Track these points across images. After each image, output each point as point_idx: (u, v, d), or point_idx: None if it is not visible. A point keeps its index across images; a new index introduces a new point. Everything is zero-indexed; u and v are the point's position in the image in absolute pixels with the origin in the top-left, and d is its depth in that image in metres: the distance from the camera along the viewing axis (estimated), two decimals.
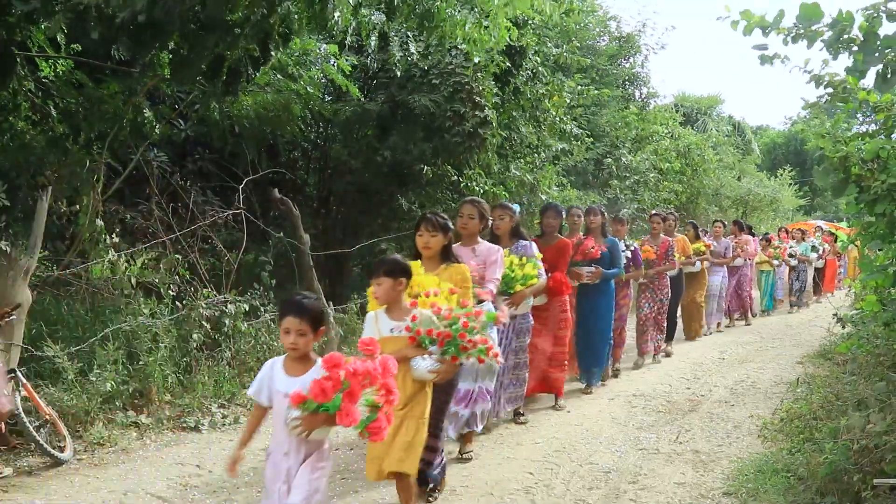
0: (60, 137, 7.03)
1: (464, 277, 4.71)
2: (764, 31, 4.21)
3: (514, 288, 6.00)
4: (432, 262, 4.75)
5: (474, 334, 4.08)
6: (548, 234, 7.12)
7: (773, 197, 25.85)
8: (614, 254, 7.93)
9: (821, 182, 5.00)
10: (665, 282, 9.89)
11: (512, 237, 6.34)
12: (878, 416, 4.39)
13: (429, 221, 4.73)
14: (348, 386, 3.15)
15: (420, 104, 9.77)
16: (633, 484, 5.20)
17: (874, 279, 5.08)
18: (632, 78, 20.81)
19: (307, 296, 3.48)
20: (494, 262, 5.44)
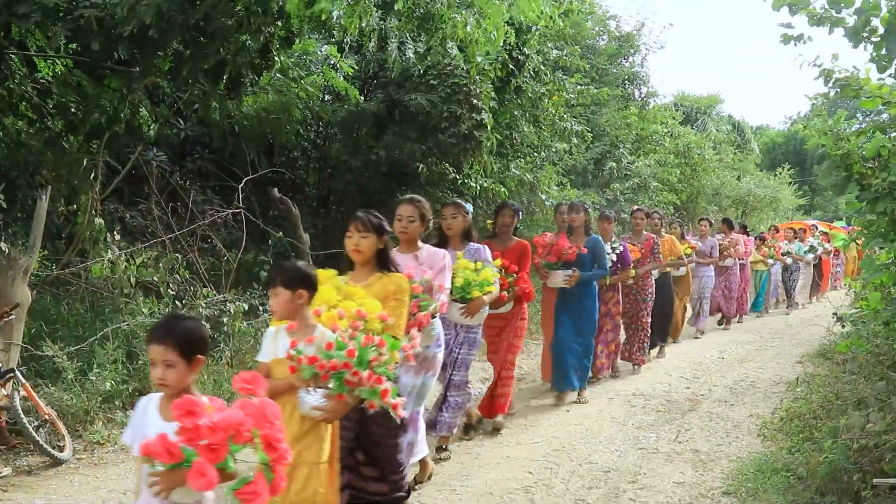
0: (58, 136, 7.03)
1: (398, 289, 3.98)
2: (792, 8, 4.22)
3: (471, 294, 5.40)
4: (364, 269, 4.07)
5: (379, 368, 3.37)
6: (502, 235, 6.45)
7: (772, 196, 25.83)
8: (597, 254, 7.31)
9: (823, 180, 4.99)
10: (649, 282, 9.18)
11: (463, 239, 5.71)
12: (877, 416, 4.39)
13: (359, 220, 4.03)
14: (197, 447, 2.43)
15: (416, 103, 9.76)
16: (632, 483, 5.19)
17: (877, 277, 5.08)
18: (631, 77, 20.81)
19: (181, 316, 2.88)
20: (442, 269, 4.82)
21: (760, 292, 15.33)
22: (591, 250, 7.25)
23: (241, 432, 2.47)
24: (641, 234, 9.29)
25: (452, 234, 5.68)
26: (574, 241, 7.20)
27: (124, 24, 5.34)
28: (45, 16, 5.45)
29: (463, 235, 5.70)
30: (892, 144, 4.47)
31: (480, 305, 5.49)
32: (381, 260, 4.08)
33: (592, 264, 7.26)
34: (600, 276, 7.46)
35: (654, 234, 9.42)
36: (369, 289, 3.90)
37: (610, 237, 8.28)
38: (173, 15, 5.45)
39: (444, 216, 5.64)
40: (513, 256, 6.22)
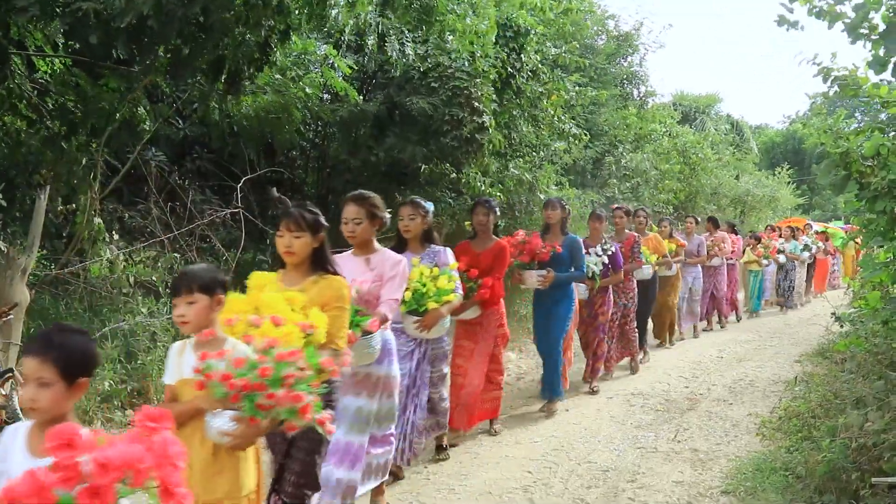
0: (56, 136, 7.03)
1: (337, 295, 3.51)
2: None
3: (426, 306, 4.91)
4: (298, 272, 3.60)
5: (299, 384, 2.87)
6: (480, 234, 6.07)
7: (771, 196, 25.83)
8: (574, 254, 6.88)
9: (822, 179, 4.99)
10: (631, 284, 8.78)
11: (423, 242, 5.26)
12: (876, 415, 4.39)
13: (290, 218, 3.55)
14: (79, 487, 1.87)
15: (418, 107, 9.76)
16: (631, 482, 5.19)
17: (876, 276, 5.09)
18: (630, 77, 20.81)
19: (68, 327, 2.36)
20: (395, 277, 4.33)
21: (758, 293, 15.09)
22: (569, 250, 6.85)
23: (139, 473, 1.93)
24: (623, 233, 8.95)
25: (411, 237, 5.22)
26: (550, 240, 6.85)
27: (122, 15, 5.33)
28: (43, 9, 5.44)
29: (423, 238, 5.25)
30: (891, 143, 4.47)
31: (437, 318, 4.97)
32: (316, 260, 3.60)
33: (570, 265, 6.88)
34: (578, 278, 7.05)
35: (636, 233, 9.12)
36: (303, 294, 3.45)
37: (600, 237, 8.01)
38: (172, 8, 5.44)
39: (400, 217, 5.17)
40: (488, 258, 5.87)
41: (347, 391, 4.27)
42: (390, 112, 10.44)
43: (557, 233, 6.97)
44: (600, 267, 7.75)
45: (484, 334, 6.01)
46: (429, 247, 5.25)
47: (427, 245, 5.26)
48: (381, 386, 4.42)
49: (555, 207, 7.01)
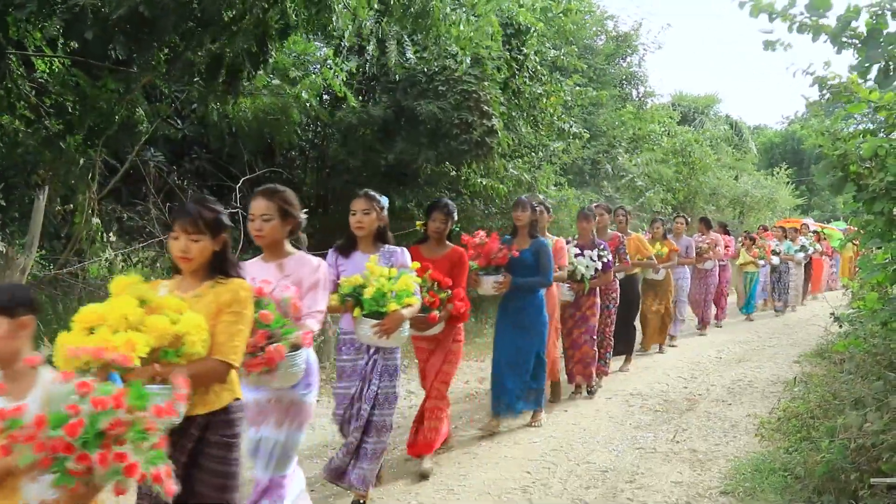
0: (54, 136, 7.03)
1: (234, 299, 2.98)
2: (770, 16, 4.23)
3: (386, 307, 4.31)
4: (194, 277, 3.08)
5: (134, 433, 2.30)
6: (434, 240, 5.48)
7: (770, 196, 25.87)
8: (541, 258, 6.29)
9: (820, 180, 4.99)
10: (614, 286, 8.17)
11: (376, 241, 4.71)
12: (875, 415, 4.39)
13: (186, 218, 3.00)
14: None
15: (427, 111, 9.78)
16: (630, 483, 5.19)
17: (875, 277, 5.09)
18: (629, 77, 20.84)
19: None
20: (316, 284, 3.78)
21: (752, 294, 14.63)
22: (535, 255, 6.29)
23: None
24: (606, 233, 8.42)
25: (363, 235, 4.67)
26: (517, 242, 6.34)
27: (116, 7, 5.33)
28: (41, 6, 5.45)
29: (376, 236, 4.72)
30: (889, 145, 4.48)
31: (399, 321, 4.34)
32: (216, 264, 3.07)
33: (536, 269, 6.30)
34: (543, 284, 6.42)
35: (620, 234, 8.65)
36: (199, 301, 2.95)
37: (591, 237, 7.60)
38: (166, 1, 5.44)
39: (352, 211, 4.65)
40: (444, 266, 5.26)
41: (255, 421, 3.78)
42: (397, 115, 10.45)
43: (525, 236, 6.40)
44: (592, 272, 7.38)
45: (437, 351, 5.47)
46: (383, 247, 4.71)
47: (381, 245, 4.71)
48: (291, 414, 3.85)
49: (525, 208, 6.40)
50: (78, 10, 5.49)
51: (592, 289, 7.54)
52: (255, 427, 3.83)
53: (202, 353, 2.79)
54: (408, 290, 4.42)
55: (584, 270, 7.31)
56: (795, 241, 16.01)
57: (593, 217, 7.78)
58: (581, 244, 7.53)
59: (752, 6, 4.22)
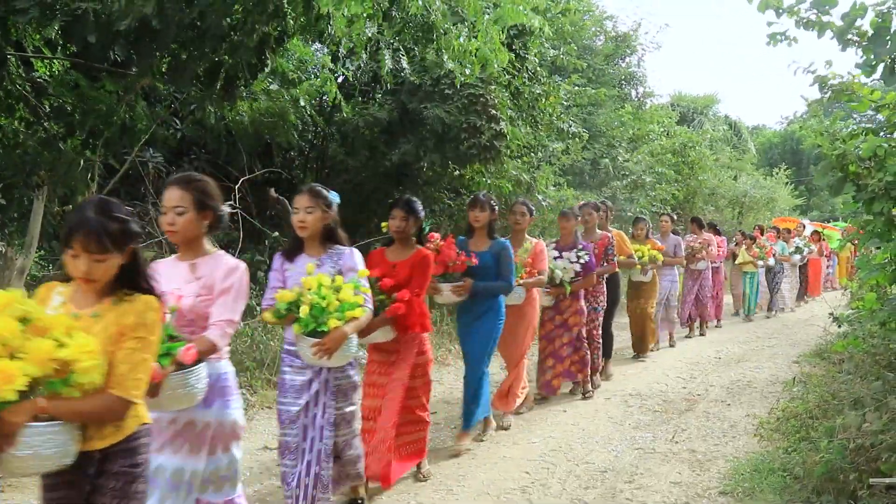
0: (54, 137, 7.03)
1: (139, 322, 2.54)
2: (777, 11, 4.24)
3: (326, 325, 3.84)
4: (94, 291, 2.64)
5: None
6: (398, 241, 5.05)
7: (769, 197, 25.89)
8: (501, 262, 5.81)
9: (819, 181, 5.00)
10: (601, 288, 7.94)
11: (324, 241, 4.23)
12: (874, 415, 4.39)
13: (88, 235, 2.51)
14: None
15: (433, 114, 9.80)
16: (629, 483, 5.19)
17: (874, 277, 5.09)
18: (628, 77, 20.85)
19: None
20: (229, 289, 3.32)
21: (752, 295, 14.38)
22: (495, 256, 5.83)
23: None
24: (594, 233, 8.07)
25: (308, 235, 4.19)
26: (474, 244, 5.91)
27: (122, 17, 5.33)
28: (43, 11, 5.45)
29: (324, 236, 4.23)
30: (888, 145, 4.48)
31: (340, 340, 3.89)
32: (122, 277, 2.63)
33: (496, 274, 5.83)
34: (504, 290, 5.91)
35: (608, 233, 8.24)
36: (97, 322, 2.54)
37: (573, 238, 7.28)
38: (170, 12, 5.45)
39: (294, 210, 4.19)
40: (406, 269, 4.87)
41: (163, 446, 3.30)
42: (401, 118, 10.46)
43: (483, 237, 5.93)
44: (571, 275, 7.08)
45: (399, 363, 4.93)
46: (331, 248, 4.23)
47: (329, 246, 4.23)
48: (209, 437, 3.38)
49: (482, 207, 5.92)
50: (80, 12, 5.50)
51: (575, 293, 7.22)
52: (165, 453, 3.31)
53: (98, 382, 2.39)
54: (353, 301, 3.93)
55: (561, 274, 7.00)
56: (789, 242, 15.78)
57: (574, 217, 7.43)
58: (560, 245, 7.24)
59: (760, 2, 4.24)
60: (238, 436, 3.50)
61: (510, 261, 5.88)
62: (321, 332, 3.86)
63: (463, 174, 10.68)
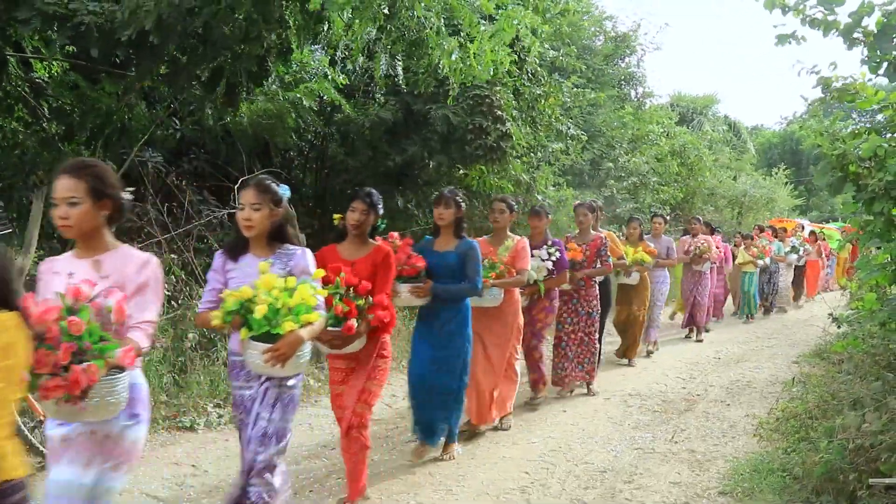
0: (53, 137, 7.03)
1: (6, 345, 2.19)
2: (783, 10, 4.25)
3: (280, 328, 3.43)
4: None
5: None
6: (355, 235, 4.72)
7: (768, 197, 25.89)
8: (468, 263, 5.39)
9: (819, 181, 5.00)
10: (594, 291, 7.77)
11: (272, 241, 3.81)
12: (873, 416, 4.39)
13: None
14: None
15: (439, 115, 9.81)
16: (628, 483, 5.19)
17: (874, 277, 5.09)
18: (628, 78, 20.85)
19: None
20: (143, 287, 2.96)
21: (753, 295, 14.17)
22: (461, 257, 5.42)
23: None
24: (588, 234, 7.88)
25: (254, 235, 3.77)
26: (439, 243, 5.54)
27: (123, 28, 5.35)
28: (45, 21, 5.46)
29: (273, 235, 3.82)
30: (888, 145, 4.48)
31: (296, 345, 3.48)
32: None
33: (461, 276, 5.42)
34: (471, 293, 5.49)
35: (601, 234, 7.99)
36: None
37: (545, 237, 7.05)
38: (172, 22, 5.46)
39: (240, 206, 3.78)
40: (366, 268, 4.52)
41: (58, 457, 2.94)
42: (406, 118, 10.47)
43: (449, 236, 5.53)
44: (544, 274, 6.85)
45: (358, 370, 4.63)
46: (280, 248, 3.82)
47: (278, 245, 3.82)
48: (106, 450, 2.94)
49: (447, 205, 5.48)
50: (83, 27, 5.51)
51: (548, 292, 6.98)
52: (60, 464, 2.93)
53: None
54: (307, 304, 3.53)
55: (534, 274, 6.73)
56: (785, 241, 15.59)
57: (546, 215, 7.19)
58: (531, 244, 6.77)
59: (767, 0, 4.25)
60: (131, 459, 3.00)
61: (477, 262, 5.46)
62: (274, 336, 3.44)
63: (465, 174, 10.69)
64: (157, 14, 5.32)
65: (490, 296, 5.92)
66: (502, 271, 6.05)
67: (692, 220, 12.26)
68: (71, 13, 5.55)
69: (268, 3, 5.84)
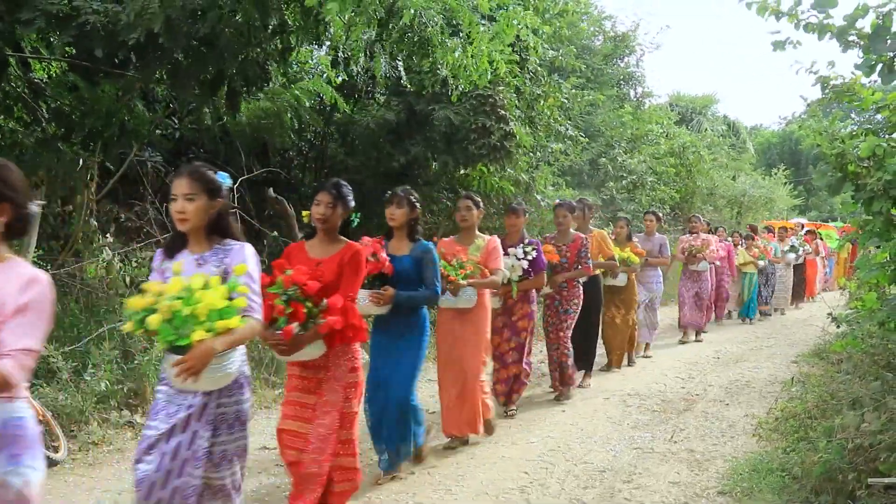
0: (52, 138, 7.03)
1: None
2: (777, 16, 4.26)
3: (188, 339, 2.96)
4: None
5: None
6: (323, 231, 4.30)
7: (767, 197, 25.91)
8: (424, 267, 5.02)
9: (818, 180, 5.01)
10: (576, 292, 7.43)
11: (210, 236, 3.38)
12: (872, 415, 4.40)
13: None
14: None
15: (442, 115, 9.82)
16: (627, 483, 5.19)
17: (873, 277, 5.09)
18: (627, 77, 20.86)
19: None
20: (24, 309, 2.43)
21: (752, 297, 13.83)
22: (417, 261, 5.04)
23: None
24: (568, 234, 7.54)
25: (189, 229, 3.32)
26: (393, 247, 5.12)
27: (129, 30, 5.34)
28: (49, 22, 5.45)
29: (211, 229, 3.38)
30: (887, 144, 4.48)
31: (206, 357, 2.99)
32: None
33: (418, 281, 5.03)
34: (423, 300, 5.07)
35: (581, 234, 7.63)
36: None
37: (521, 236, 6.71)
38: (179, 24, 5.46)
39: (173, 196, 3.31)
40: (331, 268, 4.09)
41: None
42: (409, 119, 10.49)
43: (403, 238, 5.15)
44: (519, 273, 6.47)
45: (331, 382, 4.16)
46: (219, 243, 3.39)
47: (217, 240, 3.39)
48: None
49: (399, 204, 5.10)
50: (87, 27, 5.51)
51: (526, 294, 6.62)
52: None
53: None
54: (228, 307, 3.03)
55: (508, 273, 6.32)
56: (784, 241, 15.33)
57: (523, 213, 6.86)
58: (506, 243, 6.50)
59: (759, 7, 4.25)
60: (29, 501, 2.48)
61: (435, 266, 5.07)
62: (182, 347, 2.99)
63: (465, 175, 10.70)
64: (164, 16, 5.32)
65: (465, 296, 5.64)
66: (472, 272, 5.67)
67: (692, 219, 12.00)
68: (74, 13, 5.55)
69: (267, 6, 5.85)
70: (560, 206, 7.69)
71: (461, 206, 6.04)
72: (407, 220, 5.10)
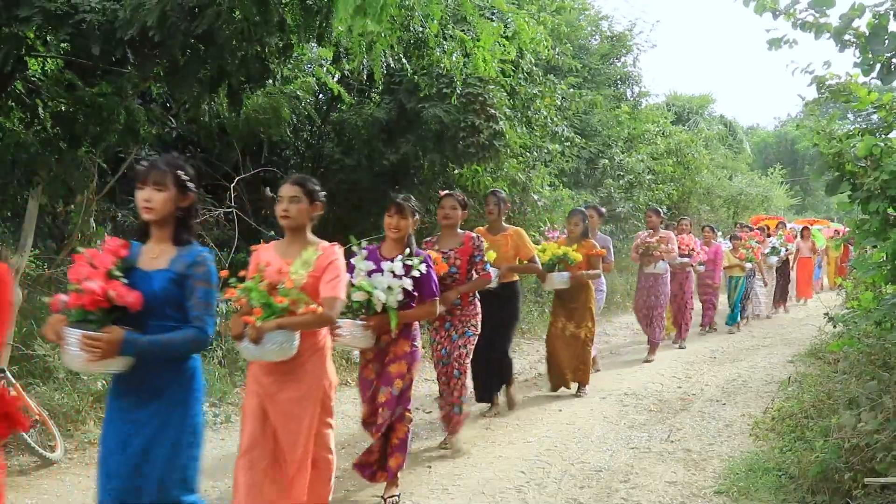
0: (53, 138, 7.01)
1: None
2: (774, 14, 4.26)
3: None
4: None
5: None
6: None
7: (764, 196, 25.96)
8: (186, 287, 3.45)
9: (816, 180, 5.01)
10: (472, 310, 5.86)
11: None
12: (869, 415, 4.40)
13: None
14: None
15: (431, 113, 9.81)
16: (624, 483, 5.20)
17: (870, 277, 5.10)
18: (624, 77, 20.86)
19: None
20: None
21: (736, 302, 12.58)
22: (176, 281, 3.43)
23: None
24: (454, 236, 5.91)
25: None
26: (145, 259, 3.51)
27: (126, 27, 5.33)
28: (46, 19, 5.44)
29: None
30: (884, 144, 4.49)
31: None
32: None
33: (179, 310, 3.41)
34: (193, 346, 3.23)
35: (473, 234, 5.96)
36: None
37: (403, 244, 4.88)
38: (175, 21, 5.45)
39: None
40: None
41: None
42: (399, 117, 10.49)
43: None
44: (400, 297, 4.61)
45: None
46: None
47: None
48: None
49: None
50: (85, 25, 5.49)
51: (406, 328, 4.75)
52: None
53: None
54: None
55: (382, 296, 4.56)
56: (764, 242, 14.02)
57: (412, 213, 4.88)
58: (381, 255, 4.85)
59: (757, 4, 4.25)
60: None
61: (211, 283, 3.34)
62: None
63: (461, 174, 10.69)
64: (159, 9, 5.30)
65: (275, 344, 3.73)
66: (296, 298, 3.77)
67: (649, 213, 10.23)
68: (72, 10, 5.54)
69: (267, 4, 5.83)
70: (448, 197, 5.96)
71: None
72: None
